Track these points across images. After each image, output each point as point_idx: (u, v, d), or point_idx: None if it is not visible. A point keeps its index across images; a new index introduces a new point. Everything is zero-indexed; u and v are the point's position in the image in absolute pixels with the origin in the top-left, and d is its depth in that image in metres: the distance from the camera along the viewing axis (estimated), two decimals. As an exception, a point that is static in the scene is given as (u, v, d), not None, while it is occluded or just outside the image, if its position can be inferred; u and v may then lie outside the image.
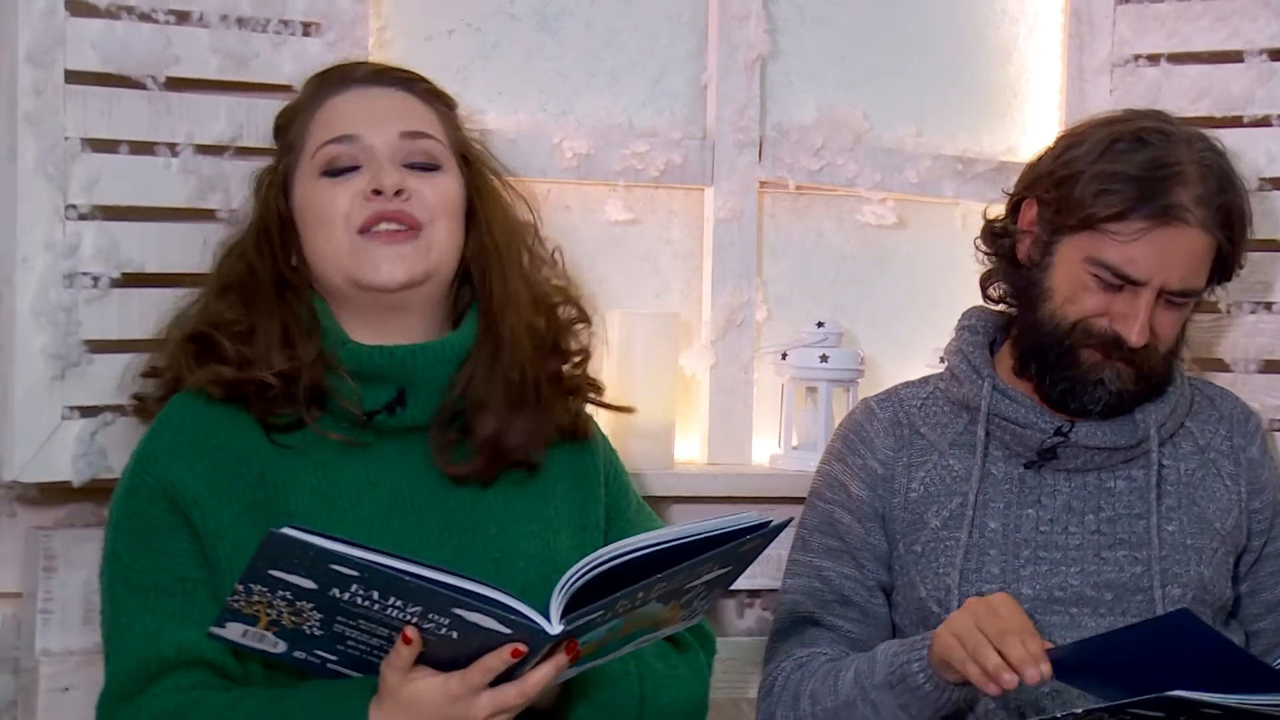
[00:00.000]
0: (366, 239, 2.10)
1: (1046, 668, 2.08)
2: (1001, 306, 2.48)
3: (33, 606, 2.30)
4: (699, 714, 2.20)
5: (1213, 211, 2.32)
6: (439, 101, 2.21)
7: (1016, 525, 2.38)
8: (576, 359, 2.25)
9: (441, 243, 2.13)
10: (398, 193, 2.09)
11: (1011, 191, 2.45)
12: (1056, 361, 2.37)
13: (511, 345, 2.15)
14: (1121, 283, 2.32)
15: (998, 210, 2.47)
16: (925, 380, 2.52)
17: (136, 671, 1.99)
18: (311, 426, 2.08)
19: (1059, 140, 2.42)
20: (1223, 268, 2.38)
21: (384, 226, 2.09)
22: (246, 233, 2.18)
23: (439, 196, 2.13)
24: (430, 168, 2.13)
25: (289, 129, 2.18)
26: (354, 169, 2.11)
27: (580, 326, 2.26)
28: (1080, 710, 2.15)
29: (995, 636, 2.10)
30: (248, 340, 2.10)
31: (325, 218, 2.10)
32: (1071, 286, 2.35)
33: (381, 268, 2.09)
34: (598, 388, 2.27)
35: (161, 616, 2.01)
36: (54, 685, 2.28)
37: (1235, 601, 2.47)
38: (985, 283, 2.48)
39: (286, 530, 1.77)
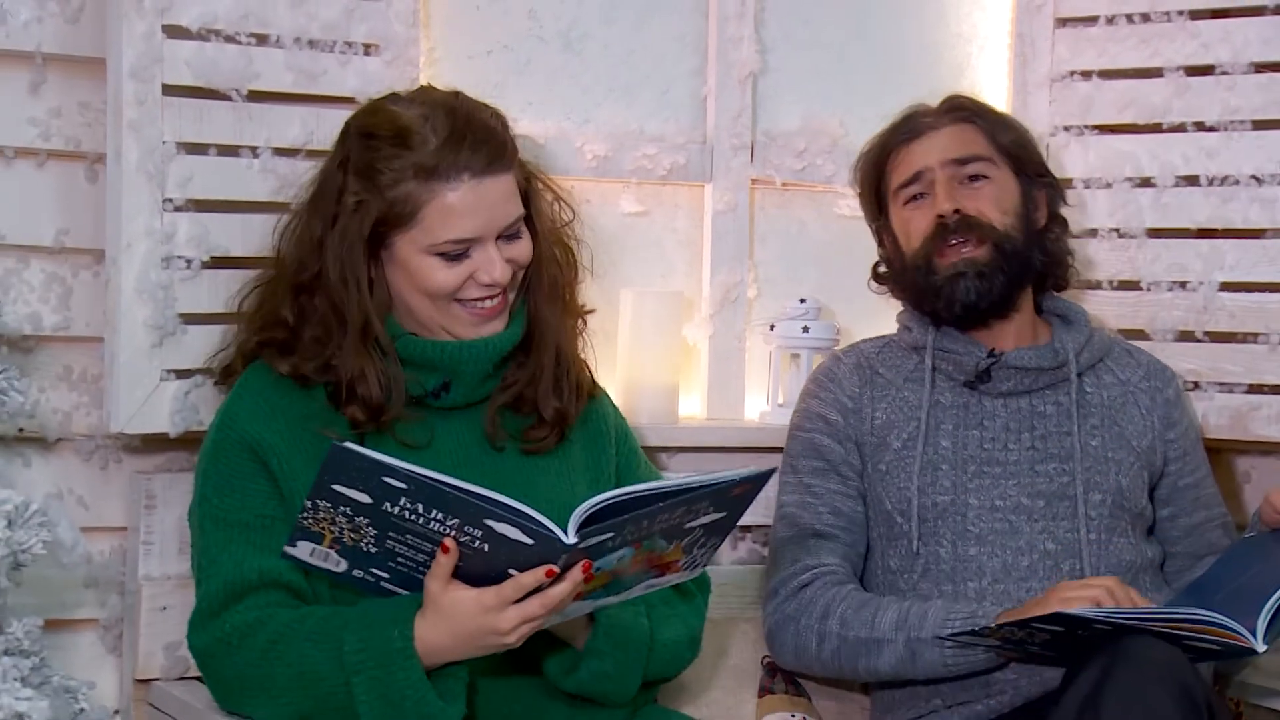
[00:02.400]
0: (462, 305, 2.09)
1: None
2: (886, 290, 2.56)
3: (136, 539, 2.31)
4: (695, 644, 2.21)
5: (951, 113, 2.46)
6: (516, 164, 2.14)
7: (964, 444, 2.40)
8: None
9: (515, 291, 2.14)
10: (503, 281, 2.09)
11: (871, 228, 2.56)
12: (926, 282, 2.42)
13: (557, 339, 2.17)
14: (917, 189, 2.43)
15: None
16: (881, 336, 2.54)
17: (224, 593, 2.01)
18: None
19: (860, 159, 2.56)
20: (1005, 145, 2.45)
21: (483, 305, 2.09)
22: (324, 267, 2.08)
23: (519, 257, 2.12)
24: (516, 235, 2.12)
25: (398, 187, 2.05)
26: (465, 255, 2.07)
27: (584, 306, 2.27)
28: (994, 624, 2.16)
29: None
30: (325, 344, 2.08)
31: (431, 290, 2.07)
32: (903, 229, 2.45)
33: (471, 332, 2.10)
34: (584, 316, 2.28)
35: (245, 547, 2.03)
36: (154, 605, 2.29)
37: (1157, 524, 2.47)
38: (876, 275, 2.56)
39: (347, 444, 1.80)
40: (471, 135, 2.06)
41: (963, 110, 2.46)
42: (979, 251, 2.39)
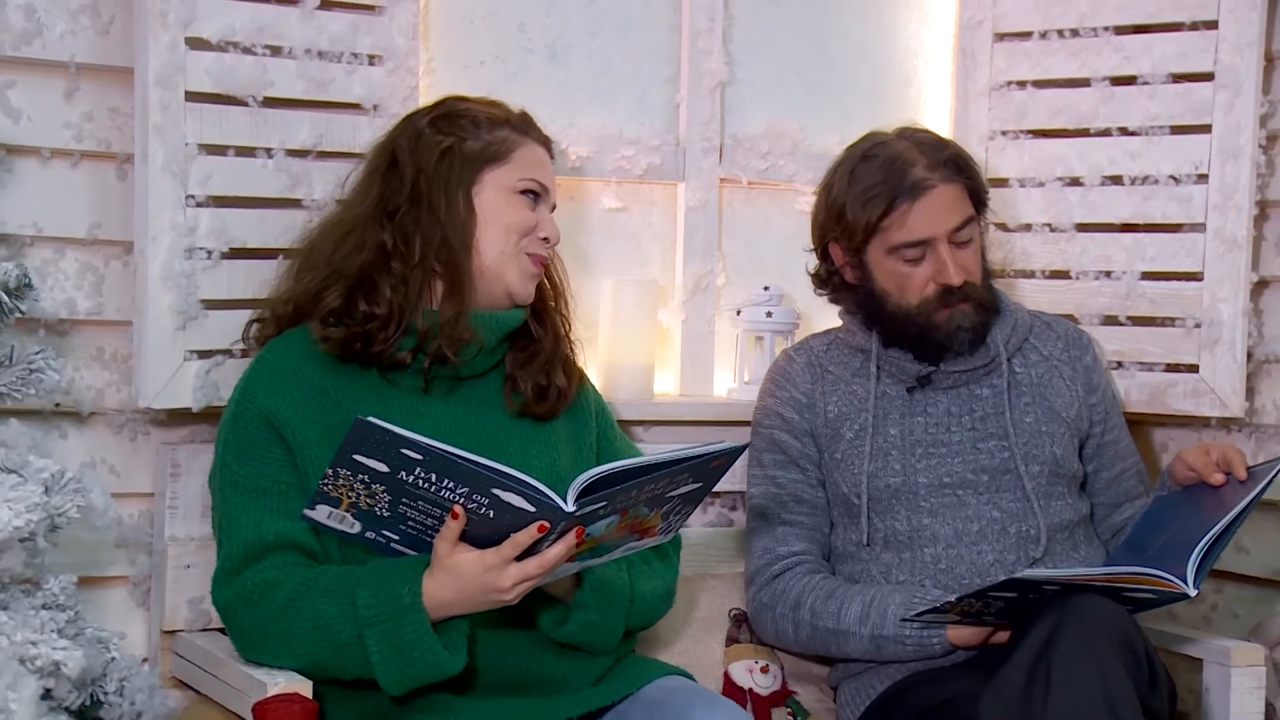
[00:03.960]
0: (528, 258, 2.14)
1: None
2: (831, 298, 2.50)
3: (162, 503, 2.30)
4: (670, 596, 2.22)
5: (944, 168, 2.34)
6: None
7: (910, 430, 2.40)
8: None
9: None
10: (555, 243, 2.18)
11: (813, 245, 2.46)
12: (920, 336, 2.37)
13: (555, 329, 2.21)
14: (920, 251, 2.34)
15: (814, 262, 2.47)
16: (826, 332, 2.53)
17: (243, 553, 2.01)
18: (388, 374, 2.10)
19: (818, 193, 2.44)
20: (977, 196, 2.39)
21: (538, 260, 2.15)
22: (423, 195, 2.11)
23: (554, 236, 2.19)
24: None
25: (495, 131, 2.15)
26: (535, 206, 2.15)
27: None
28: (954, 598, 2.18)
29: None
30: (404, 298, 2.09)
31: (514, 229, 2.13)
32: (894, 279, 2.36)
33: (522, 287, 2.15)
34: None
35: (262, 511, 2.03)
36: (178, 564, 2.29)
37: (1086, 479, 2.48)
38: (838, 306, 2.50)
39: (370, 419, 1.80)
40: (532, 119, 2.21)
41: (948, 166, 2.35)
42: (970, 307, 2.37)
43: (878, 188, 2.33)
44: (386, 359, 2.08)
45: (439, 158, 2.10)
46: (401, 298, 2.07)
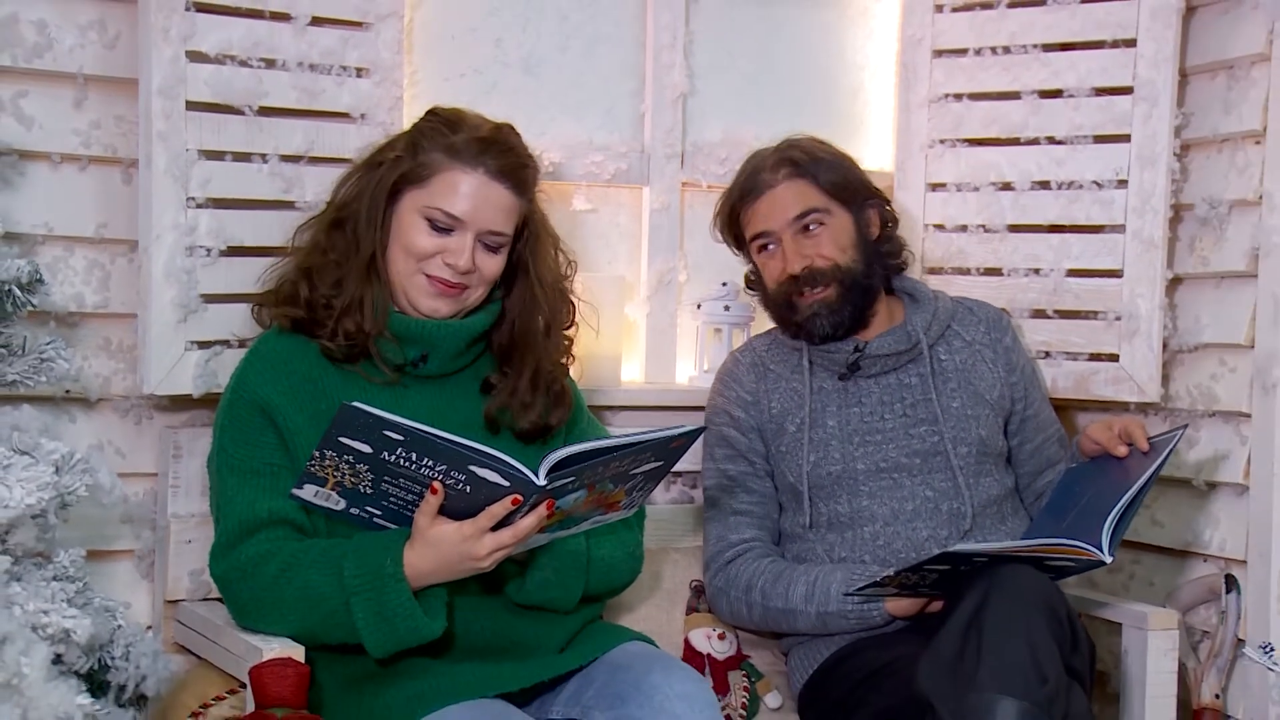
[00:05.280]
0: (426, 279, 2.08)
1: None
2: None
3: (165, 483, 2.30)
4: (633, 559, 2.21)
5: (786, 166, 2.39)
6: (532, 186, 2.15)
7: (847, 420, 2.41)
8: (568, 339, 2.24)
9: (476, 295, 2.12)
10: (466, 272, 2.08)
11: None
12: (786, 321, 2.44)
13: (536, 362, 2.15)
14: (767, 241, 2.41)
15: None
16: (769, 332, 2.54)
17: (238, 529, 2.01)
18: (361, 369, 2.08)
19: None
20: (835, 190, 2.39)
21: (442, 283, 2.08)
22: (357, 205, 2.10)
23: (490, 271, 2.11)
24: (495, 249, 2.11)
25: (427, 154, 2.08)
26: (449, 231, 2.07)
27: (574, 314, 2.25)
28: (892, 572, 2.19)
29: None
30: (336, 291, 2.08)
31: (410, 249, 2.08)
32: (763, 271, 2.44)
33: (425, 303, 2.09)
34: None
35: (256, 490, 2.03)
36: (180, 538, 2.28)
37: (1010, 452, 2.50)
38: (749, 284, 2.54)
39: (356, 404, 1.80)
40: (501, 147, 2.09)
41: (792, 164, 2.39)
42: (828, 293, 2.38)
43: (734, 189, 2.44)
44: (353, 353, 2.08)
45: (382, 171, 2.10)
46: (334, 292, 2.08)
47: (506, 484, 1.83)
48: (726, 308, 2.70)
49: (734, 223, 2.46)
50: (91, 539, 2.22)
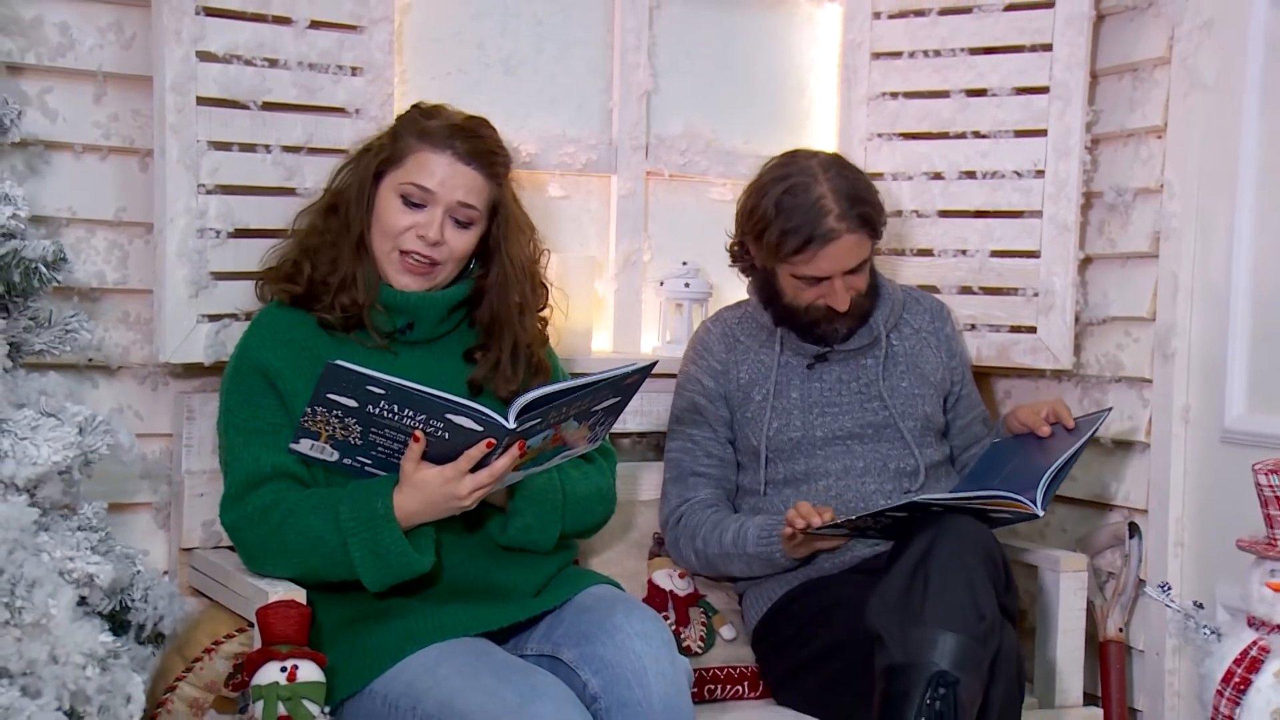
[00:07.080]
0: (401, 256, 2.08)
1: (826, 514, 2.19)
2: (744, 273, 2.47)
3: (179, 442, 2.30)
4: (605, 499, 2.21)
5: (851, 219, 2.30)
6: (502, 172, 2.13)
7: (809, 393, 2.41)
8: (543, 309, 2.23)
9: (448, 271, 2.11)
10: (435, 243, 2.07)
11: (735, 234, 2.42)
12: (803, 328, 2.39)
13: (514, 337, 2.13)
14: (818, 280, 2.32)
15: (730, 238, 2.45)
16: (738, 304, 2.52)
17: (245, 482, 2.01)
18: (355, 336, 2.08)
19: (748, 197, 2.37)
20: (877, 233, 2.36)
21: (414, 260, 2.07)
22: (348, 190, 2.10)
23: (459, 247, 2.10)
24: (466, 224, 2.10)
25: (403, 139, 2.08)
26: (421, 205, 2.07)
27: (547, 297, 2.23)
28: (855, 516, 2.20)
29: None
30: (332, 269, 2.08)
31: (387, 228, 2.07)
32: (792, 288, 2.36)
33: (399, 279, 2.09)
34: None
35: (260, 447, 2.03)
36: (194, 492, 2.28)
37: (946, 427, 2.51)
38: (747, 279, 2.48)
39: (339, 362, 1.80)
40: (472, 133, 2.09)
41: (862, 218, 2.31)
42: (847, 317, 2.38)
43: (796, 230, 2.28)
44: (349, 323, 2.08)
45: (368, 158, 2.10)
46: (330, 269, 2.08)
47: (481, 429, 1.84)
48: (687, 285, 2.70)
49: (780, 247, 2.30)
50: (112, 493, 2.22)
